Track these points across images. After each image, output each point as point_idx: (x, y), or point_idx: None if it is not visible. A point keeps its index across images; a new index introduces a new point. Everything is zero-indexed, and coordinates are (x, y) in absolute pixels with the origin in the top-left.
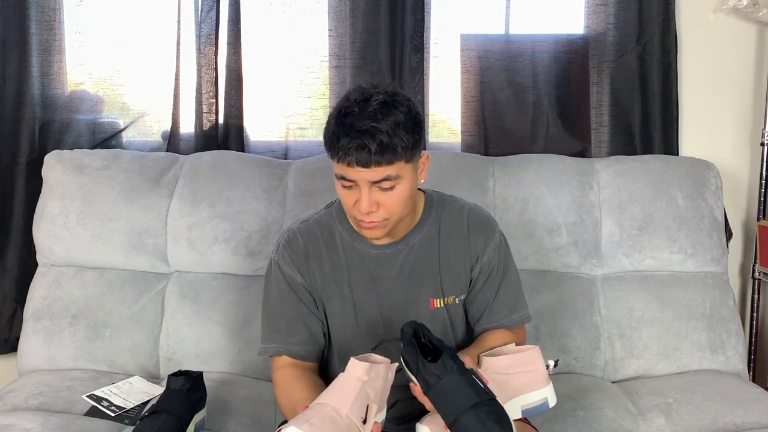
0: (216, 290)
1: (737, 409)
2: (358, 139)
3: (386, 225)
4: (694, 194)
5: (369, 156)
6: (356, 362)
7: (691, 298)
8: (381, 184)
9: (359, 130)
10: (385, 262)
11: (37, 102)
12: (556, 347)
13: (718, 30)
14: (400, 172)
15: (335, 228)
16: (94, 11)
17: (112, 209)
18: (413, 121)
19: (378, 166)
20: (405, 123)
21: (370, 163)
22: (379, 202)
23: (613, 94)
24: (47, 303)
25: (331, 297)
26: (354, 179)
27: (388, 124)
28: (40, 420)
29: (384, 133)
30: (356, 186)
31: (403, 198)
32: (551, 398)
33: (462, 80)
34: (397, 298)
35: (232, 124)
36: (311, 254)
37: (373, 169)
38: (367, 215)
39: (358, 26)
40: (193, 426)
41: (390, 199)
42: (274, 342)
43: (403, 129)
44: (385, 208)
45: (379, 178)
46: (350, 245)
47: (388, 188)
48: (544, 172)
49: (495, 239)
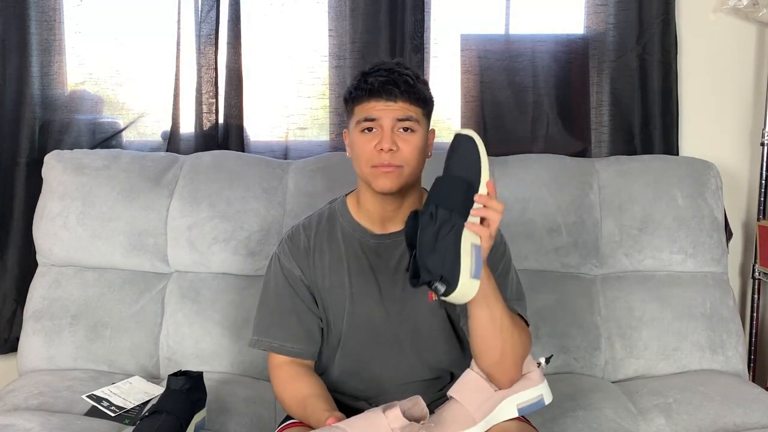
0: (216, 290)
1: (737, 409)
2: (387, 76)
3: (400, 175)
4: (694, 194)
5: (397, 89)
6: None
7: (691, 298)
8: (403, 124)
9: (387, 70)
10: (384, 252)
11: (37, 102)
12: (556, 347)
13: (718, 30)
14: (419, 118)
15: (337, 220)
16: (94, 11)
17: (112, 209)
18: (427, 84)
19: (404, 101)
20: (423, 80)
21: (397, 96)
22: (399, 145)
23: (613, 94)
24: (47, 303)
25: (332, 288)
26: (378, 117)
27: (411, 73)
28: (40, 420)
29: (408, 76)
30: (378, 128)
31: (419, 148)
32: (547, 395)
33: (462, 80)
34: (395, 288)
35: (232, 124)
36: (312, 246)
37: (399, 103)
38: (386, 155)
39: (358, 26)
40: (193, 426)
41: (408, 144)
42: (268, 336)
43: (422, 82)
44: (402, 152)
45: (402, 116)
46: (350, 236)
47: (409, 130)
48: (544, 172)
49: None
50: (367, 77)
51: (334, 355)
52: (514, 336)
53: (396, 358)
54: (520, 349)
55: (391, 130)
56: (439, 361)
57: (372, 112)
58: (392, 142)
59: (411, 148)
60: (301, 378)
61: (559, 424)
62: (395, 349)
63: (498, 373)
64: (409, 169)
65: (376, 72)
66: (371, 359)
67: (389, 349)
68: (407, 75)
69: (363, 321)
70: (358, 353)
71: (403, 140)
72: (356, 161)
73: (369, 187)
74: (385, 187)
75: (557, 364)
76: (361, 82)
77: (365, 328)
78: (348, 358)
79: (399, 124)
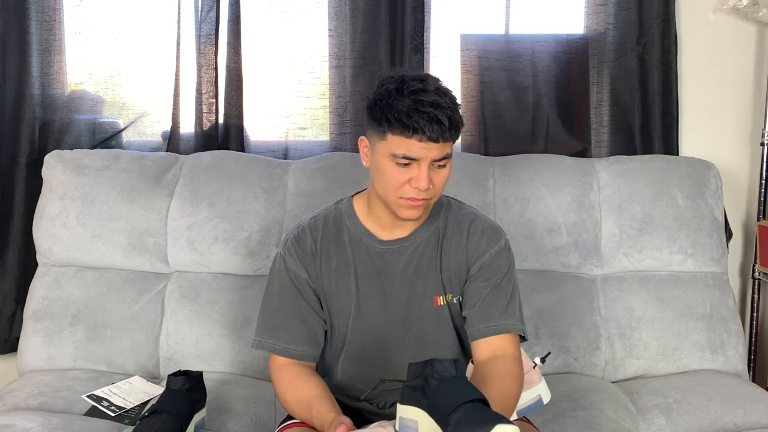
0: (216, 290)
1: (737, 409)
2: (433, 114)
3: (427, 207)
4: (694, 194)
5: (443, 130)
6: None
7: (691, 298)
8: (439, 162)
9: (432, 104)
10: (391, 258)
11: (37, 102)
12: (556, 347)
13: (718, 30)
14: (451, 150)
15: (344, 223)
16: (94, 11)
17: (112, 209)
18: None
19: (445, 141)
20: (458, 105)
21: (441, 138)
22: (433, 181)
23: (613, 94)
24: (47, 303)
25: (338, 291)
26: (418, 157)
27: (450, 100)
28: (40, 420)
29: (449, 109)
30: (414, 164)
31: (447, 178)
32: (545, 395)
33: (462, 80)
34: (401, 294)
35: (232, 124)
36: (319, 250)
37: (441, 144)
38: (421, 192)
39: (358, 26)
40: (193, 426)
41: (440, 178)
42: (271, 338)
43: (458, 108)
44: (434, 186)
45: (440, 156)
46: (357, 240)
47: (443, 166)
48: (544, 172)
49: (499, 244)
50: (411, 113)
51: (338, 358)
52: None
53: (399, 363)
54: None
55: (428, 168)
56: None
57: (412, 151)
58: (429, 181)
59: (442, 179)
60: (304, 379)
61: (559, 424)
62: (399, 354)
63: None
64: (436, 198)
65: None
66: (374, 363)
67: (393, 353)
68: (449, 108)
69: (368, 325)
70: (362, 357)
71: (437, 175)
72: (382, 185)
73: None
74: (411, 217)
75: (557, 364)
76: (403, 115)
77: (370, 332)
78: (351, 362)
79: (436, 162)
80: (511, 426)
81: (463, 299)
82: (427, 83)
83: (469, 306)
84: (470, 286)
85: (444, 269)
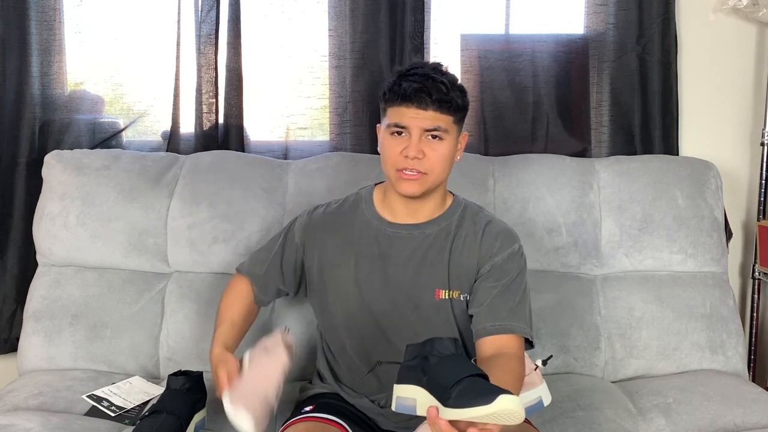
0: (216, 290)
1: (737, 409)
2: (421, 83)
3: (424, 182)
4: (694, 194)
5: (429, 99)
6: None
7: (691, 298)
8: (431, 133)
9: (423, 76)
10: (398, 243)
11: (37, 102)
12: (556, 347)
13: (718, 30)
14: (448, 127)
15: (359, 206)
16: (94, 11)
17: (112, 209)
18: (462, 89)
19: (435, 110)
20: (459, 86)
21: (428, 105)
22: (425, 152)
23: (613, 94)
24: (47, 303)
25: (338, 266)
26: (407, 125)
27: (447, 79)
28: (40, 420)
29: (443, 84)
30: (407, 133)
31: (445, 156)
32: (546, 397)
33: (462, 80)
34: (404, 280)
35: (232, 124)
36: (324, 225)
37: (429, 113)
38: (412, 161)
39: (358, 26)
40: (193, 426)
41: (435, 152)
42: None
43: (457, 89)
44: (428, 160)
45: (431, 126)
46: (367, 222)
47: (437, 138)
48: (544, 172)
49: (513, 247)
50: (401, 81)
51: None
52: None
53: (396, 347)
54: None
55: (419, 138)
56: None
57: (402, 118)
58: (419, 150)
59: (437, 155)
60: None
61: (559, 424)
62: (397, 339)
63: None
64: (434, 176)
65: (411, 76)
66: (373, 344)
67: (392, 336)
68: (442, 82)
69: (367, 305)
70: (362, 338)
71: (431, 148)
72: (383, 160)
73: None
74: (407, 192)
75: (557, 364)
76: (395, 85)
77: (369, 312)
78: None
79: (427, 133)
80: (514, 397)
81: (471, 298)
82: (427, 64)
83: (477, 304)
84: (480, 285)
85: (453, 265)
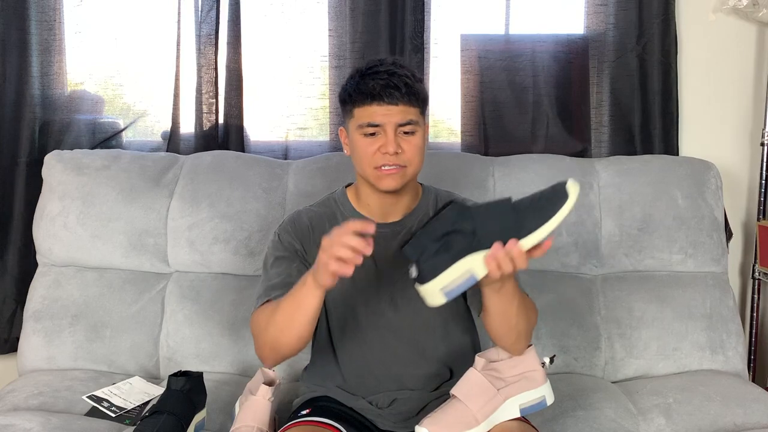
0: (216, 290)
1: (737, 409)
2: (388, 80)
3: (404, 175)
4: (694, 194)
5: (399, 93)
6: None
7: (691, 298)
8: (404, 128)
9: (387, 73)
10: (383, 241)
11: (37, 102)
12: (556, 347)
13: (718, 30)
14: (418, 119)
15: (337, 210)
16: (94, 11)
17: (112, 209)
18: (422, 80)
19: (405, 105)
20: (419, 78)
21: (399, 101)
22: (402, 147)
23: (613, 94)
24: (47, 303)
25: None
26: (381, 122)
27: (408, 72)
28: (40, 420)
29: (407, 77)
30: (380, 132)
31: (420, 147)
32: (549, 396)
33: (462, 80)
34: (395, 275)
35: (232, 124)
36: (314, 227)
37: (401, 108)
38: (391, 157)
39: (358, 26)
40: (193, 426)
41: (410, 144)
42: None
43: (419, 81)
44: (405, 153)
45: (404, 120)
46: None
47: (410, 133)
48: (544, 172)
49: None
50: (366, 80)
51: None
52: (529, 318)
53: (393, 344)
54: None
55: (394, 134)
56: (436, 348)
57: (374, 117)
58: (396, 146)
59: (413, 148)
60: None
61: (559, 424)
62: (393, 335)
63: (513, 348)
64: (413, 167)
65: (375, 74)
66: (369, 343)
67: (387, 333)
68: (406, 76)
69: (362, 304)
70: (357, 337)
71: (406, 142)
72: (358, 162)
73: (369, 185)
74: (389, 187)
75: (557, 364)
76: (361, 85)
77: (365, 311)
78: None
79: (400, 129)
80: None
81: None
82: (384, 61)
83: None
84: None
85: None
